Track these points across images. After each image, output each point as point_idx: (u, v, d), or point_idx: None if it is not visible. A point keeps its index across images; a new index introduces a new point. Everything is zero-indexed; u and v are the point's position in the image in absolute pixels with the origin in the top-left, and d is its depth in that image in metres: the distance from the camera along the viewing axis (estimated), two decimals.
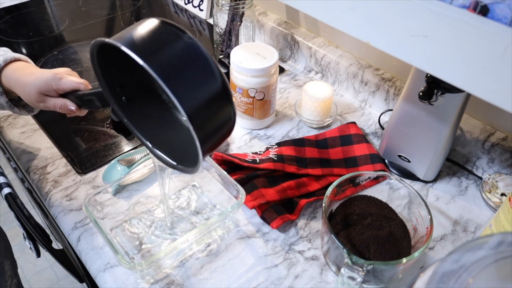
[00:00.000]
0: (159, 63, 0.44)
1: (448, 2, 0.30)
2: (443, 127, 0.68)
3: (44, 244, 0.87)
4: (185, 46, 0.46)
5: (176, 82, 0.44)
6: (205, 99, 0.46)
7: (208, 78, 0.46)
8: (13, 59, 0.65)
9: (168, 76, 0.44)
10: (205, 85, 0.46)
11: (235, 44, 1.02)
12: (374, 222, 0.63)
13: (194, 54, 0.46)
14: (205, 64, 0.46)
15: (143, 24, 0.48)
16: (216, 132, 0.49)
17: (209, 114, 0.47)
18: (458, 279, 0.28)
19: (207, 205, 0.72)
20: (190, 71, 0.46)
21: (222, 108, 0.48)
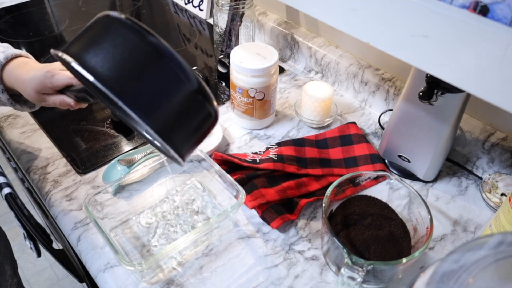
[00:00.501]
0: (108, 76, 0.41)
1: (448, 2, 0.30)
2: (443, 127, 0.68)
3: (44, 244, 0.87)
4: (140, 47, 0.42)
5: (132, 94, 0.41)
6: (172, 106, 0.43)
7: (173, 80, 0.43)
8: (14, 55, 0.65)
9: (121, 89, 0.41)
10: (170, 89, 0.43)
11: (235, 44, 1.02)
12: (374, 222, 0.63)
13: (151, 56, 0.42)
14: (167, 63, 0.42)
15: (96, 26, 0.44)
16: (194, 133, 0.47)
17: (181, 119, 0.45)
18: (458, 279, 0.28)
19: (207, 205, 0.72)
20: (148, 76, 0.42)
21: (197, 109, 0.45)
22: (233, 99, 0.84)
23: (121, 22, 0.43)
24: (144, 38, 0.42)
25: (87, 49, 0.43)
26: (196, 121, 0.46)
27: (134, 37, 0.42)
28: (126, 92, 0.41)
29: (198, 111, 0.46)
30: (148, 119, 0.42)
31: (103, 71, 0.41)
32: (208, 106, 0.46)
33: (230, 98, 0.86)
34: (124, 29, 0.42)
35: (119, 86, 0.41)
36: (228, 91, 0.97)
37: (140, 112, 0.42)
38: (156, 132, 0.43)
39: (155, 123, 0.43)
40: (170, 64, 0.43)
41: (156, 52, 0.42)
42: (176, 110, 0.44)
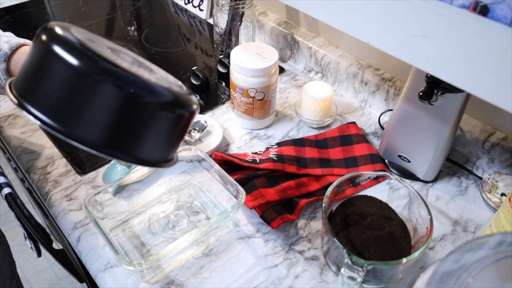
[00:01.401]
0: (53, 119, 0.38)
1: (448, 2, 0.30)
2: (443, 127, 0.68)
3: (44, 244, 0.87)
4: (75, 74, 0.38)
5: (83, 131, 0.38)
6: (135, 128, 0.40)
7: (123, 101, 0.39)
8: (19, 45, 0.64)
9: (69, 129, 0.38)
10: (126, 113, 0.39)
11: (235, 44, 1.02)
12: (374, 222, 0.63)
13: (92, 81, 0.38)
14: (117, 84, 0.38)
15: (37, 53, 0.40)
16: (171, 140, 0.45)
17: (151, 137, 0.42)
18: (458, 279, 0.28)
19: (207, 205, 0.72)
20: (97, 106, 0.38)
21: (168, 118, 0.43)
22: (233, 99, 0.84)
23: (55, 40, 0.39)
24: (82, 57, 0.38)
25: (30, 84, 0.40)
26: (166, 130, 0.44)
27: (76, 62, 0.38)
28: (75, 130, 0.39)
29: (166, 120, 0.43)
30: (108, 152, 0.40)
31: (49, 113, 0.38)
32: (178, 110, 0.43)
33: (230, 98, 0.86)
34: (59, 50, 0.38)
35: (67, 127, 0.39)
36: (228, 91, 0.97)
37: (97, 147, 0.39)
38: (123, 160, 0.41)
39: (117, 154, 0.40)
40: (122, 83, 0.39)
41: (100, 72, 0.38)
42: (137, 130, 0.41)
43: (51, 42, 0.39)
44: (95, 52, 0.39)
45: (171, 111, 0.43)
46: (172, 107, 0.43)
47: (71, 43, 0.38)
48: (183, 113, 0.44)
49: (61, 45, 0.38)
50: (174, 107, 0.43)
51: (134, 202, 0.72)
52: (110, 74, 0.38)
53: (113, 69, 0.39)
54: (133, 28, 1.24)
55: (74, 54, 0.38)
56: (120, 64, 0.40)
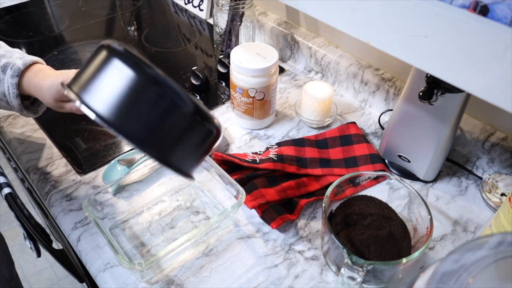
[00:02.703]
0: (107, 113, 0.45)
1: (448, 2, 0.30)
2: (443, 127, 0.68)
3: (44, 244, 0.87)
4: (136, 80, 0.45)
5: (130, 127, 0.45)
6: (171, 132, 0.47)
7: (169, 108, 0.46)
8: (32, 62, 0.66)
9: (119, 124, 0.45)
10: (167, 116, 0.46)
11: (235, 44, 1.02)
12: (374, 222, 0.63)
13: (146, 86, 0.45)
14: (162, 92, 0.46)
15: (97, 59, 0.48)
16: (195, 153, 0.51)
17: (181, 143, 0.48)
18: (458, 279, 0.28)
19: (207, 205, 0.72)
20: (145, 107, 0.45)
21: (196, 130, 0.49)
22: (233, 99, 0.84)
23: (118, 54, 0.46)
24: (139, 69, 0.45)
25: (88, 86, 0.47)
26: (196, 141, 0.50)
27: (130, 70, 0.45)
28: (124, 126, 0.45)
29: (197, 132, 0.49)
30: (148, 149, 0.46)
31: (102, 107, 0.45)
32: (207, 125, 0.49)
33: (230, 98, 0.86)
34: (120, 62, 0.46)
35: (118, 121, 0.45)
36: (228, 91, 0.97)
37: (139, 143, 0.46)
38: (156, 160, 0.47)
39: (154, 152, 0.46)
40: (165, 92, 0.46)
41: (151, 82, 0.46)
42: (174, 135, 0.47)
43: (112, 54, 0.47)
44: (146, 63, 0.46)
45: (201, 124, 0.49)
46: (202, 119, 0.49)
47: (128, 56, 0.46)
48: (211, 128, 0.50)
49: (120, 57, 0.46)
50: (203, 120, 0.49)
51: (134, 202, 0.72)
52: (156, 82, 0.45)
53: (159, 78, 0.46)
54: (133, 28, 1.24)
55: (130, 64, 0.46)
56: (164, 76, 0.47)
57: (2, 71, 0.64)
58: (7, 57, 0.66)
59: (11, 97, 0.66)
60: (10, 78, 0.64)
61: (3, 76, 0.64)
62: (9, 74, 0.64)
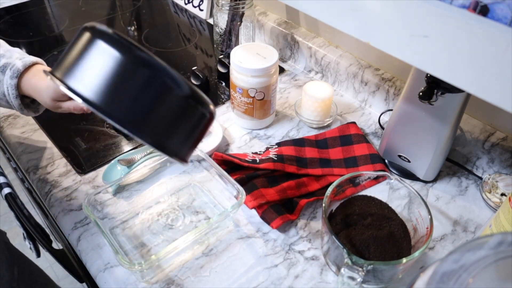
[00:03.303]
0: (95, 96, 0.42)
1: (448, 2, 0.30)
2: (443, 127, 0.68)
3: (44, 244, 0.87)
4: (124, 61, 0.43)
5: (120, 110, 0.43)
6: (164, 115, 0.45)
7: (161, 90, 0.44)
8: (32, 63, 0.66)
9: (109, 107, 0.42)
10: (159, 99, 0.44)
11: (235, 44, 1.02)
12: (374, 222, 0.63)
13: (136, 69, 0.43)
14: (154, 74, 0.43)
15: (81, 41, 0.45)
16: (190, 136, 0.49)
17: (175, 126, 0.46)
18: (458, 279, 0.28)
19: (207, 205, 0.72)
20: (135, 89, 0.43)
21: (190, 113, 0.47)
22: (233, 99, 0.84)
23: (104, 35, 0.44)
24: (128, 51, 0.43)
25: (73, 69, 0.44)
26: (190, 125, 0.48)
27: (118, 52, 0.43)
28: (114, 109, 0.43)
29: (191, 115, 0.47)
30: (139, 133, 0.44)
31: (90, 91, 0.42)
32: (201, 108, 0.47)
33: (230, 98, 0.86)
34: (107, 43, 0.43)
35: (106, 104, 0.42)
36: (228, 91, 0.97)
37: (130, 127, 0.43)
38: (149, 144, 0.45)
39: (147, 136, 0.44)
40: (157, 75, 0.43)
41: (142, 64, 0.43)
42: (168, 118, 0.45)
43: (97, 35, 0.44)
44: (134, 44, 0.43)
45: (195, 107, 0.47)
46: (196, 103, 0.47)
47: (113, 36, 0.44)
48: (205, 112, 0.48)
49: (106, 38, 0.43)
50: (197, 103, 0.47)
51: (134, 202, 0.72)
52: (146, 64, 0.43)
53: (150, 60, 0.43)
54: (133, 28, 1.24)
55: (117, 45, 0.43)
56: (155, 57, 0.44)
57: (1, 71, 0.64)
58: (6, 57, 0.66)
59: (10, 98, 0.66)
60: (9, 79, 0.64)
61: (2, 76, 0.64)
62: (8, 75, 0.64)
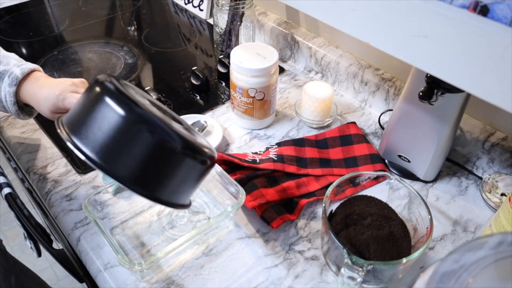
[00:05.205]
0: (97, 156, 0.46)
1: (448, 2, 0.30)
2: (443, 127, 0.68)
3: (44, 244, 0.87)
4: (124, 120, 0.46)
5: (120, 169, 0.46)
6: (162, 171, 0.47)
7: (159, 147, 0.47)
8: (30, 70, 0.66)
9: (109, 166, 0.46)
10: (157, 156, 0.47)
11: (235, 44, 1.02)
12: (374, 222, 0.63)
13: (135, 127, 0.46)
14: (150, 133, 0.46)
15: (89, 97, 0.49)
16: (191, 184, 0.52)
17: (175, 180, 0.49)
18: (458, 279, 0.28)
19: (207, 205, 0.72)
20: (135, 150, 0.46)
21: (190, 164, 0.49)
22: (233, 99, 0.84)
23: (108, 93, 0.47)
24: (128, 109, 0.46)
25: (78, 125, 0.48)
26: (188, 174, 0.51)
27: (119, 111, 0.46)
28: (113, 167, 0.46)
29: (188, 165, 0.50)
30: (136, 189, 0.47)
31: (92, 150, 0.46)
32: (199, 157, 0.50)
33: (230, 98, 0.86)
34: (110, 102, 0.46)
35: (107, 163, 0.46)
36: (228, 91, 0.97)
37: (128, 184, 0.46)
38: (146, 199, 0.48)
39: (143, 192, 0.47)
40: (153, 131, 0.46)
41: (139, 121, 0.46)
42: (164, 172, 0.48)
43: (103, 93, 0.47)
44: (135, 102, 0.46)
45: (193, 157, 0.49)
46: (193, 153, 0.49)
47: (117, 95, 0.47)
48: (204, 159, 0.51)
49: (110, 96, 0.47)
50: (196, 153, 0.50)
51: (134, 202, 0.72)
52: (144, 121, 0.46)
53: (147, 117, 0.46)
54: (133, 28, 1.24)
55: (120, 104, 0.46)
56: (154, 113, 0.47)
57: None
58: (4, 63, 0.66)
59: (8, 104, 0.66)
60: (8, 86, 0.64)
61: (0, 83, 0.64)
62: (6, 82, 0.64)
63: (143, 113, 0.46)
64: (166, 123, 0.47)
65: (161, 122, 0.46)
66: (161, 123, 0.46)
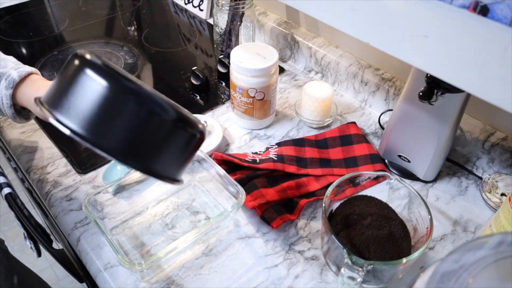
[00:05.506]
0: (82, 128, 0.44)
1: (448, 2, 0.30)
2: (443, 127, 0.68)
3: (44, 244, 0.87)
4: (111, 91, 0.44)
5: (107, 141, 0.44)
6: (151, 141, 0.46)
7: (147, 117, 0.45)
8: (27, 73, 0.66)
9: (95, 138, 0.44)
10: (145, 126, 0.45)
11: (235, 44, 1.02)
12: (374, 222, 0.63)
13: (123, 98, 0.44)
14: (140, 102, 0.44)
15: (70, 71, 0.47)
16: (180, 159, 0.50)
17: (164, 151, 0.47)
18: (458, 279, 0.28)
19: (207, 205, 0.72)
20: (123, 119, 0.44)
21: (179, 136, 0.48)
22: (233, 99, 0.84)
23: (91, 65, 0.45)
24: (113, 80, 0.44)
25: (61, 100, 0.46)
26: (180, 148, 0.49)
27: (104, 82, 0.44)
28: (101, 140, 0.44)
29: (180, 138, 0.49)
30: (128, 161, 0.45)
31: (77, 124, 0.44)
32: (190, 130, 0.49)
33: (230, 98, 0.86)
34: (94, 73, 0.44)
35: (94, 136, 0.44)
36: (228, 91, 0.97)
37: (118, 156, 0.45)
38: (138, 171, 0.46)
39: (135, 164, 0.46)
40: (143, 102, 0.45)
41: (126, 92, 0.44)
42: (157, 144, 0.46)
43: (84, 65, 0.45)
44: (120, 74, 0.45)
45: (183, 129, 0.48)
46: (184, 125, 0.48)
47: (101, 67, 0.45)
48: (194, 133, 0.49)
49: (93, 68, 0.45)
50: (186, 125, 0.48)
51: (134, 202, 0.72)
52: (132, 92, 0.44)
53: (136, 88, 0.44)
54: (133, 28, 1.24)
55: (104, 75, 0.44)
56: (141, 85, 0.46)
57: None
58: (1, 66, 0.66)
59: (4, 107, 0.66)
60: (4, 89, 0.64)
61: None
62: (3, 85, 0.64)
63: (130, 84, 0.44)
64: (156, 94, 0.46)
65: (150, 92, 0.45)
66: (151, 93, 0.45)
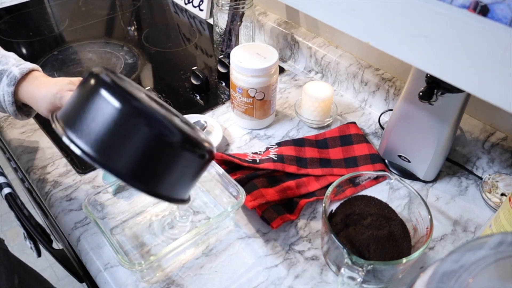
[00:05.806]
0: (93, 150, 0.44)
1: (448, 2, 0.30)
2: (443, 127, 0.68)
3: (44, 244, 0.87)
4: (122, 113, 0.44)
5: (117, 164, 0.45)
6: (160, 165, 0.46)
7: (157, 141, 0.45)
8: (28, 70, 0.66)
9: (105, 161, 0.44)
10: (154, 149, 0.46)
11: (235, 44, 1.02)
12: (374, 222, 0.63)
13: (133, 120, 0.44)
14: (148, 125, 0.45)
15: (84, 90, 0.47)
16: (190, 179, 0.51)
17: (173, 174, 0.48)
18: (458, 279, 0.28)
19: (207, 205, 0.72)
20: (133, 143, 0.45)
21: (188, 158, 0.48)
22: (233, 99, 0.84)
23: (104, 85, 0.45)
24: (125, 102, 0.45)
25: (74, 119, 0.46)
26: (187, 168, 0.50)
27: (115, 104, 0.44)
28: (109, 162, 0.45)
29: (187, 160, 0.49)
30: (134, 183, 0.46)
31: (88, 144, 0.45)
32: (198, 151, 0.49)
33: (230, 98, 0.86)
34: (106, 94, 0.45)
35: (103, 157, 0.45)
36: (228, 91, 0.97)
37: (125, 178, 0.45)
38: (144, 193, 0.47)
39: (141, 186, 0.46)
40: (150, 124, 0.45)
41: (137, 115, 0.45)
42: (162, 166, 0.47)
43: (98, 85, 0.46)
44: (132, 95, 0.45)
45: (191, 151, 0.48)
46: (192, 147, 0.48)
47: (113, 87, 0.45)
48: (202, 153, 0.50)
49: (106, 88, 0.45)
50: (194, 147, 0.49)
51: (134, 202, 0.72)
52: (142, 114, 0.45)
53: (145, 110, 0.45)
54: (133, 28, 1.24)
55: (116, 96, 0.44)
56: (152, 106, 0.46)
57: None
58: (3, 63, 0.66)
59: (6, 104, 0.66)
60: (6, 86, 0.64)
61: None
62: (5, 82, 0.64)
63: (140, 106, 0.45)
64: (164, 116, 0.46)
65: (159, 115, 0.45)
66: (159, 116, 0.45)
